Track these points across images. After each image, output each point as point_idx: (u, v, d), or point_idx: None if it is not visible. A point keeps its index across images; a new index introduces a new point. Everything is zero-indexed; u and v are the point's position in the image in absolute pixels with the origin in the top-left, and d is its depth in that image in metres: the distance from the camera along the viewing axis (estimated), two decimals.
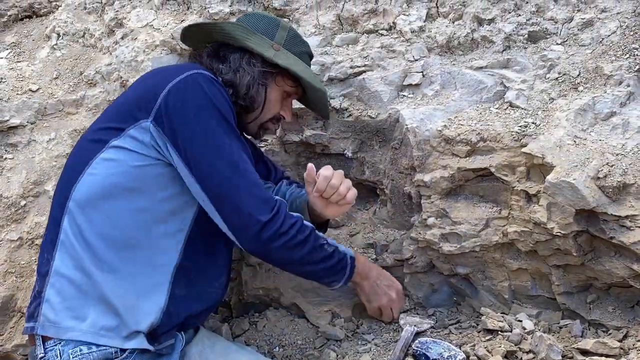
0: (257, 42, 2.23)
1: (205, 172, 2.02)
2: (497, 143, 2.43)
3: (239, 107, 2.26)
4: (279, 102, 2.39)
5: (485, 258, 2.50)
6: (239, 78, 2.22)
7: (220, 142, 2.04)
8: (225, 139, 2.05)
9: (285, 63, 2.25)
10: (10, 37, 3.60)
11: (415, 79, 2.72)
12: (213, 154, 2.03)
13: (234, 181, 2.03)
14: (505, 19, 2.73)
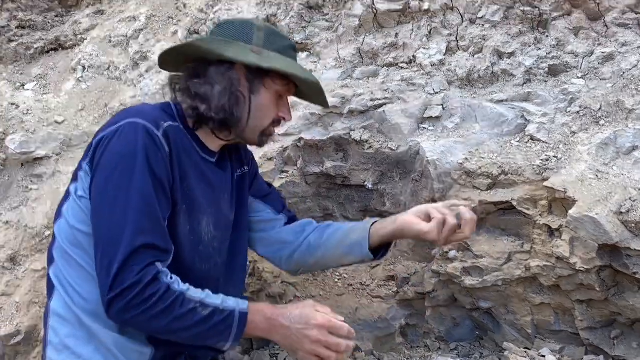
0: (235, 51, 2.09)
1: (94, 224, 1.91)
2: (518, 176, 2.43)
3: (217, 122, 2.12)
4: (273, 105, 2.23)
5: (508, 292, 2.49)
6: (211, 90, 2.09)
7: (116, 195, 1.87)
8: (120, 194, 1.86)
9: (269, 65, 2.10)
10: (37, 69, 3.67)
11: (435, 112, 2.73)
12: (107, 206, 1.88)
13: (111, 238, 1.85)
14: (526, 53, 2.74)
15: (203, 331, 1.87)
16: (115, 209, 1.83)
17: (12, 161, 3.09)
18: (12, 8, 3.79)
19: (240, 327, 1.90)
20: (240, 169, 2.34)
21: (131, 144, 1.87)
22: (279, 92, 2.20)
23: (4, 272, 2.87)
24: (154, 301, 1.79)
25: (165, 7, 3.48)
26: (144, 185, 1.85)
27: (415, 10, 2.93)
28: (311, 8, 3.11)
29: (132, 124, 1.90)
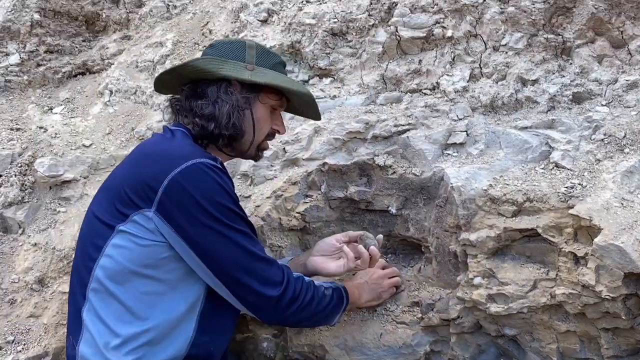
0: (231, 69, 2.23)
1: (217, 264, 2.10)
2: (543, 204, 2.44)
3: (226, 138, 2.27)
4: (268, 119, 2.37)
5: (533, 320, 2.49)
6: (218, 109, 2.21)
7: (228, 233, 2.08)
8: (231, 229, 2.09)
9: (264, 80, 2.25)
10: (65, 93, 3.74)
11: (459, 138, 2.76)
12: (223, 245, 2.09)
13: (245, 265, 2.12)
14: (550, 80, 2.76)
15: (330, 310, 2.37)
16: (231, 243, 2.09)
17: (41, 184, 3.15)
18: (40, 33, 3.87)
19: (347, 299, 2.46)
20: None
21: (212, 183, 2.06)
22: (272, 106, 2.37)
23: (32, 294, 2.92)
24: (303, 295, 2.22)
25: (191, 33, 3.55)
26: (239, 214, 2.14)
27: (438, 37, 2.96)
28: (335, 35, 3.15)
29: (204, 165, 2.07)
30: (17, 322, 2.86)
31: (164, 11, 3.86)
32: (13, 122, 3.53)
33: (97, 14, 3.96)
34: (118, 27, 3.98)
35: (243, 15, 3.38)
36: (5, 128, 3.46)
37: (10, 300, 2.91)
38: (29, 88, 3.81)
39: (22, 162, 3.22)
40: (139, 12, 3.96)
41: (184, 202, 2.03)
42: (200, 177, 2.04)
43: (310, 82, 3.18)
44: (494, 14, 2.88)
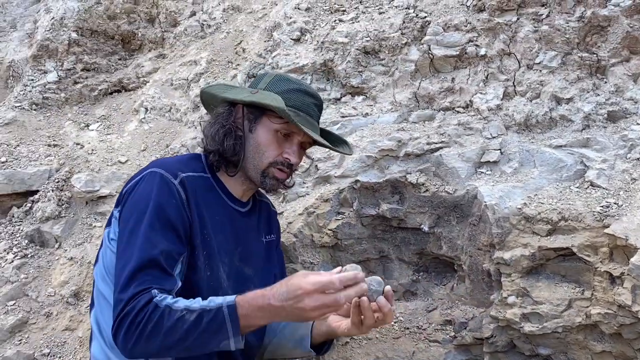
0: (235, 93, 2.24)
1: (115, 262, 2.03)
2: (578, 223, 2.42)
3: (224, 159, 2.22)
4: (274, 144, 2.20)
5: (568, 339, 2.46)
6: (211, 128, 2.22)
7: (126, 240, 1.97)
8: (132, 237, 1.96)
9: (251, 99, 2.14)
10: (101, 110, 3.82)
11: (493, 156, 2.75)
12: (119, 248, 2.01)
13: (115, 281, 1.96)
14: (584, 99, 2.75)
15: (198, 336, 1.83)
16: (126, 251, 1.95)
17: (77, 199, 3.21)
18: (77, 51, 3.96)
19: (234, 321, 1.84)
20: (269, 235, 2.40)
21: (148, 191, 2.01)
22: (279, 130, 2.19)
23: (68, 308, 2.96)
24: (143, 322, 1.82)
25: (225, 51, 3.60)
26: (151, 228, 1.95)
27: (471, 55, 2.97)
28: (368, 53, 3.18)
29: (152, 173, 2.07)
30: (52, 335, 2.90)
31: (199, 30, 3.93)
32: (50, 138, 3.60)
33: (133, 33, 4.04)
34: (153, 45, 4.05)
35: (276, 34, 3.42)
36: (43, 144, 3.54)
37: (47, 314, 2.96)
38: (65, 105, 3.89)
39: (59, 177, 3.29)
40: (173, 31, 4.03)
41: (124, 201, 2.07)
42: (145, 184, 2.04)
43: (342, 99, 3.20)
44: (527, 33, 2.88)
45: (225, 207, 2.21)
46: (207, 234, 2.10)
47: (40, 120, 3.77)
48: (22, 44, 4.18)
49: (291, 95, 2.19)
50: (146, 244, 1.93)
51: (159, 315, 1.82)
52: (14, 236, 3.20)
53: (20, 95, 3.86)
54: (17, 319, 2.91)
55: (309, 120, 2.21)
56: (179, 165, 2.14)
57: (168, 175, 2.05)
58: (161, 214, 1.98)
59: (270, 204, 2.51)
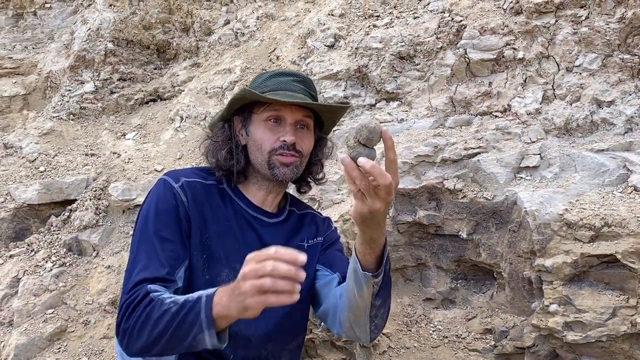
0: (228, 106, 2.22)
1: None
2: (622, 229, 2.36)
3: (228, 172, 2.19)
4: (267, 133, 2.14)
5: (613, 349, 2.39)
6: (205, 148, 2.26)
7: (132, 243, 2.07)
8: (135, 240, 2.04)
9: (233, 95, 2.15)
10: (137, 120, 3.85)
11: (532, 161, 2.70)
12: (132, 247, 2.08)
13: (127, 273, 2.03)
14: (626, 101, 2.68)
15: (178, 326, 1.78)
16: (131, 257, 2.01)
17: (115, 208, 3.23)
18: (114, 62, 4.01)
19: (207, 310, 1.75)
20: (313, 238, 2.32)
21: (151, 198, 2.08)
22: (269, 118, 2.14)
23: (106, 316, 2.97)
24: (137, 314, 1.82)
25: (259, 59, 3.61)
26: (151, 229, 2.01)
27: (509, 59, 2.93)
28: (402, 58, 3.15)
29: (158, 181, 2.13)
30: (90, 343, 2.91)
31: (232, 38, 3.94)
32: (88, 147, 3.64)
33: (168, 42, 4.07)
34: (188, 54, 4.08)
35: (310, 40, 3.41)
36: (81, 153, 3.58)
37: (85, 322, 2.97)
38: (102, 115, 3.93)
39: (96, 186, 3.32)
40: (208, 40, 4.05)
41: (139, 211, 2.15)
42: (152, 191, 2.11)
43: (377, 105, 3.17)
44: (566, 35, 2.83)
45: (241, 215, 2.20)
46: (208, 237, 2.11)
47: (77, 130, 3.81)
48: (60, 55, 4.24)
49: (267, 82, 2.20)
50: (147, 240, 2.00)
51: (150, 307, 1.83)
52: (53, 245, 3.23)
53: (58, 105, 3.92)
54: (56, 327, 2.93)
55: (290, 94, 2.14)
56: (187, 173, 2.19)
57: (170, 180, 2.11)
58: (159, 214, 2.04)
59: (315, 213, 2.45)
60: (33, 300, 3.00)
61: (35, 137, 3.66)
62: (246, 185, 2.23)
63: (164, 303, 1.83)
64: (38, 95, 4.28)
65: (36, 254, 3.20)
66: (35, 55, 4.53)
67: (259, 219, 2.21)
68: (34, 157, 3.51)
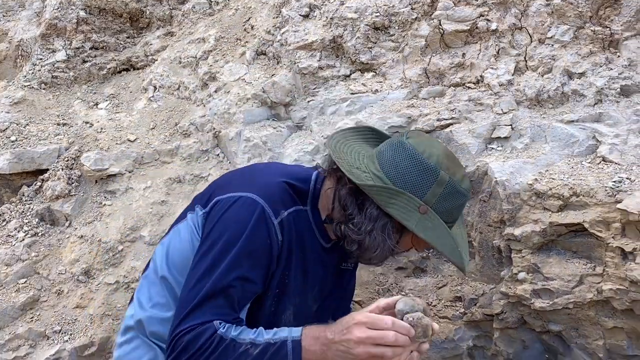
0: (401, 207, 1.88)
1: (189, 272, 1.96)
2: (590, 198, 2.40)
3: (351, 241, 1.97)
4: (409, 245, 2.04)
5: (579, 315, 2.45)
6: (367, 240, 1.93)
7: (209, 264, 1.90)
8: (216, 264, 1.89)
9: (425, 236, 1.89)
10: (109, 89, 3.80)
11: (504, 132, 2.73)
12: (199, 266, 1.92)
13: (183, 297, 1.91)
14: (597, 73, 2.72)
15: None
16: (205, 273, 1.87)
17: (87, 177, 3.21)
18: (86, 30, 3.95)
19: (295, 355, 1.80)
20: (346, 263, 2.24)
21: (244, 222, 1.89)
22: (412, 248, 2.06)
23: (79, 285, 2.97)
24: (208, 353, 1.79)
25: (233, 29, 3.57)
26: (234, 265, 1.87)
27: (482, 30, 2.94)
28: (377, 29, 3.14)
29: (253, 202, 1.92)
30: (63, 313, 2.91)
31: (207, 7, 3.90)
32: (60, 117, 3.60)
33: (141, 10, 4.02)
34: (161, 23, 4.03)
35: (285, 10, 3.39)
36: (52, 123, 3.54)
37: (58, 292, 2.97)
38: (74, 84, 3.88)
39: (68, 156, 3.29)
40: (182, 9, 4.01)
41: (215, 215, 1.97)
42: (244, 210, 1.92)
43: (352, 76, 3.17)
44: (539, 7, 2.84)
45: (314, 244, 2.07)
46: (288, 275, 2.01)
47: (49, 99, 3.76)
48: (31, 23, 4.16)
49: (454, 212, 1.98)
50: (225, 277, 1.87)
51: (223, 347, 1.81)
52: (25, 215, 3.20)
53: (29, 74, 3.86)
54: (29, 297, 2.92)
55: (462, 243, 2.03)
56: (283, 197, 1.99)
57: (269, 212, 1.92)
58: (251, 253, 1.89)
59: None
60: (5, 270, 2.99)
61: (6, 106, 3.61)
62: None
63: (238, 343, 1.81)
64: (9, 64, 4.21)
65: (8, 224, 3.17)
66: (6, 23, 4.45)
67: (321, 244, 2.09)
68: (5, 126, 3.46)
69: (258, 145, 3.06)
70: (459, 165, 1.96)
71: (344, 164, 1.90)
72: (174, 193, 3.14)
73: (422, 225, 1.88)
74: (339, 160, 1.91)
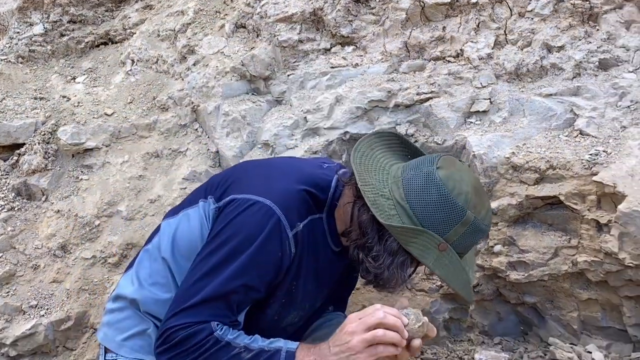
0: (421, 245, 1.84)
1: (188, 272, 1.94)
2: (566, 171, 2.40)
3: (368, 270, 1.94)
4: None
5: (554, 287, 2.47)
6: (385, 274, 1.90)
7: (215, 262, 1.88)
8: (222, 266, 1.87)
9: (441, 273, 1.88)
10: (87, 63, 3.75)
11: (482, 106, 2.72)
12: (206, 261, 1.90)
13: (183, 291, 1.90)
14: (576, 46, 2.71)
15: None
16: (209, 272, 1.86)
17: (64, 152, 3.18)
18: (64, 3, 3.88)
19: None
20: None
21: (257, 231, 1.86)
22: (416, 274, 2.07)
23: (55, 260, 2.95)
24: (201, 352, 1.81)
25: (212, 1, 3.53)
26: (241, 273, 1.85)
27: (463, 3, 2.92)
28: (358, 2, 3.12)
29: (270, 210, 1.88)
30: (40, 287, 2.89)
31: None
32: (37, 91, 3.55)
33: None
34: None
35: None
36: (29, 97, 3.49)
37: (34, 266, 2.94)
38: (52, 58, 3.82)
39: (45, 130, 3.25)
40: None
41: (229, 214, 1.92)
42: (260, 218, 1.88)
43: (332, 50, 3.15)
44: None
45: (326, 251, 2.05)
46: (296, 285, 2.00)
47: (26, 74, 3.71)
48: None
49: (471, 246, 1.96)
50: (229, 282, 1.85)
51: (216, 349, 1.82)
52: (1, 189, 3.16)
53: (6, 47, 3.80)
54: (4, 271, 2.89)
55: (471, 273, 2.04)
56: (300, 208, 1.95)
57: (285, 223, 1.89)
58: (259, 263, 1.87)
59: None
60: None
61: None
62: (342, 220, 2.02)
63: (232, 346, 1.83)
64: None
65: None
66: None
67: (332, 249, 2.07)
68: None
69: (237, 119, 3.04)
70: (485, 200, 1.92)
71: (369, 193, 1.85)
72: (151, 168, 3.11)
73: (439, 263, 1.86)
74: (363, 187, 1.85)
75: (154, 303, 2.06)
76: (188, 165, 3.05)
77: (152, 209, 2.97)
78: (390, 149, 2.06)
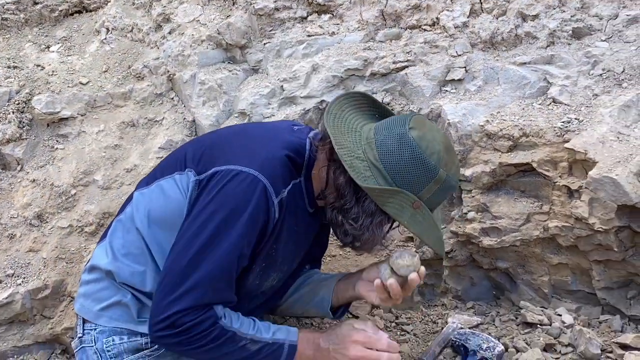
0: (396, 204, 1.89)
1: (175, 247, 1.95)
2: (539, 138, 2.44)
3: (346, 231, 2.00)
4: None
5: (526, 253, 2.52)
6: (365, 236, 1.96)
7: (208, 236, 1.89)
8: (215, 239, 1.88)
9: (416, 230, 1.95)
10: (61, 32, 3.70)
11: (458, 74, 2.74)
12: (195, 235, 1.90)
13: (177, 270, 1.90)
14: (550, 15, 2.74)
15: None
16: (203, 249, 1.88)
17: (38, 121, 3.15)
18: None
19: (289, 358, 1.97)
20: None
21: (245, 201, 1.88)
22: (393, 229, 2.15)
23: (31, 229, 2.94)
24: (207, 340, 1.88)
25: None
26: (236, 246, 1.89)
27: None
28: None
29: (255, 179, 1.89)
30: (16, 257, 2.88)
31: None
32: (10, 60, 3.50)
33: None
34: None
35: None
36: (3, 66, 3.44)
37: (10, 235, 2.93)
38: (25, 26, 3.76)
39: (19, 99, 3.21)
40: None
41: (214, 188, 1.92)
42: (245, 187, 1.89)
43: (308, 18, 3.14)
44: None
45: (304, 214, 2.08)
46: (276, 248, 2.03)
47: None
48: None
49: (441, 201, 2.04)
50: (226, 257, 1.88)
51: (224, 339, 1.90)
52: None
53: None
54: None
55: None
56: (284, 174, 1.97)
57: (271, 191, 1.91)
58: (249, 233, 1.90)
59: None
60: None
61: None
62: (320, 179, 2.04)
63: (238, 337, 1.92)
64: None
65: None
66: None
67: (308, 211, 2.09)
68: None
69: (213, 88, 3.03)
70: (454, 157, 1.98)
71: (345, 156, 1.88)
72: (127, 137, 3.10)
73: (414, 220, 1.93)
74: (339, 150, 1.87)
75: (130, 275, 2.07)
76: (164, 135, 3.04)
77: (128, 178, 2.97)
78: (359, 110, 2.08)
